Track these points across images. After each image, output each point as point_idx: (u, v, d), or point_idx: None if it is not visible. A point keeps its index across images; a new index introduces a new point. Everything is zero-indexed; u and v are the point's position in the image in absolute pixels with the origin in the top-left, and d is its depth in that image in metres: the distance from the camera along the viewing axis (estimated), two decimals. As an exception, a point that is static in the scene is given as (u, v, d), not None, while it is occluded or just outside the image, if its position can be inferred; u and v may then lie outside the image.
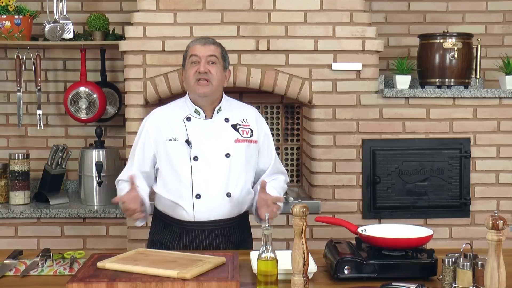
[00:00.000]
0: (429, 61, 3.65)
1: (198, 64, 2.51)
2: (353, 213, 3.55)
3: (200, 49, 2.53)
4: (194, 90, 2.53)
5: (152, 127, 2.59)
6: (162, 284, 1.93)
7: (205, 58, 2.51)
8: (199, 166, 2.51)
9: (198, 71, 2.50)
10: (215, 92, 2.55)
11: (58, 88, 4.07)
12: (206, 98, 2.54)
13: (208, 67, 2.50)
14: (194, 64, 2.52)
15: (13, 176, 3.71)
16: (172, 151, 2.53)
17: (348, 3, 3.49)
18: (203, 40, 2.58)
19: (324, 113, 3.53)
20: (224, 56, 2.59)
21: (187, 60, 2.57)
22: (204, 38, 2.60)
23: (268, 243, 1.93)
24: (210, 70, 2.50)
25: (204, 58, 2.51)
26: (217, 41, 2.61)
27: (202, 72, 2.49)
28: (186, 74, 2.56)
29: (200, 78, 2.50)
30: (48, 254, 2.34)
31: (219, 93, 2.60)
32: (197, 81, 2.50)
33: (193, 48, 2.55)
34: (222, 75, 2.57)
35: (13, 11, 3.70)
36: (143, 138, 2.60)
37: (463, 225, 3.62)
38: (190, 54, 2.55)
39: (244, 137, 2.58)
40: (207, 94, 2.53)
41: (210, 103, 2.57)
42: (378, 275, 2.06)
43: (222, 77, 2.57)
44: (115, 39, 3.80)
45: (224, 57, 2.59)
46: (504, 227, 1.69)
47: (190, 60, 2.54)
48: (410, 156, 3.57)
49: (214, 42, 2.59)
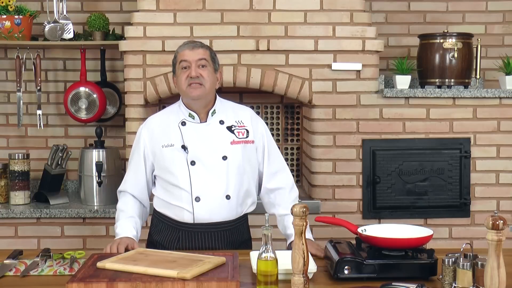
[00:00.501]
0: (429, 61, 3.65)
1: (188, 69, 2.49)
2: (353, 213, 3.55)
3: (189, 53, 2.50)
4: (187, 94, 2.51)
5: (147, 136, 2.59)
6: (162, 284, 1.93)
7: (195, 62, 2.49)
8: (197, 170, 2.50)
9: (190, 76, 2.48)
10: (208, 95, 2.53)
11: (58, 88, 4.07)
12: (199, 101, 2.53)
13: (199, 71, 2.49)
14: (185, 69, 2.50)
15: (13, 176, 3.71)
16: (169, 157, 2.53)
17: (348, 3, 3.49)
18: (191, 44, 2.54)
19: (324, 113, 3.53)
20: (213, 58, 2.57)
21: (177, 66, 2.54)
22: (192, 42, 2.57)
23: (268, 243, 1.94)
24: (201, 74, 2.49)
25: (194, 63, 2.49)
26: (205, 44, 2.58)
27: (194, 76, 2.47)
28: (178, 80, 2.54)
29: (192, 82, 2.48)
30: (48, 254, 2.34)
31: (212, 96, 2.59)
32: (189, 85, 2.49)
33: (182, 54, 2.52)
34: (214, 77, 2.55)
35: (13, 11, 3.70)
36: (141, 148, 2.60)
37: (463, 225, 3.62)
38: (179, 60, 2.52)
39: (240, 138, 2.57)
40: (201, 97, 2.51)
41: (203, 106, 2.56)
42: (378, 275, 2.06)
43: (213, 80, 2.55)
44: (115, 39, 3.80)
45: (214, 59, 2.57)
46: (504, 227, 1.69)
47: (180, 65, 2.52)
48: (410, 156, 3.57)
49: (202, 45, 2.56)
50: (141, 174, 2.62)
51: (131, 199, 2.64)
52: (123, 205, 2.64)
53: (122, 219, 2.59)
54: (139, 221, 2.62)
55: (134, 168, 2.64)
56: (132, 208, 2.62)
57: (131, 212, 2.61)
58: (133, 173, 2.64)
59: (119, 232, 2.53)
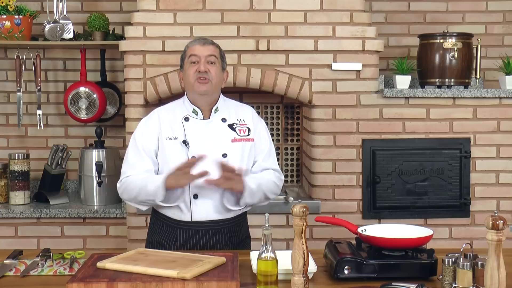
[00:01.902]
0: (429, 61, 3.65)
1: (197, 64, 2.51)
2: (353, 213, 3.55)
3: (200, 49, 2.54)
4: (194, 89, 2.53)
5: (157, 123, 2.58)
6: (162, 284, 1.93)
7: (204, 57, 2.52)
8: (196, 167, 2.50)
9: (198, 70, 2.50)
10: (214, 92, 2.56)
11: (58, 88, 4.07)
12: (205, 97, 2.54)
13: (208, 67, 2.51)
14: (194, 64, 2.52)
15: (13, 176, 3.71)
16: (171, 150, 2.53)
17: (348, 3, 3.49)
18: (202, 40, 2.59)
19: (324, 113, 3.53)
20: (222, 57, 2.60)
21: (186, 60, 2.56)
22: (203, 39, 2.61)
23: (268, 243, 1.94)
24: (210, 69, 2.51)
25: (203, 58, 2.52)
26: (215, 42, 2.62)
27: (202, 71, 2.50)
28: (186, 74, 2.56)
29: (200, 77, 2.50)
30: (48, 254, 2.34)
31: (217, 94, 2.61)
32: (197, 79, 2.51)
33: (192, 48, 2.55)
34: (221, 75, 2.58)
35: (13, 11, 3.70)
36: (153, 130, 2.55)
37: (463, 225, 3.62)
38: (189, 54, 2.55)
39: (241, 136, 2.58)
40: (207, 92, 2.53)
41: (208, 103, 2.57)
42: (378, 275, 2.06)
43: (220, 77, 2.58)
44: (115, 39, 3.80)
45: (223, 57, 2.60)
46: (504, 227, 1.69)
47: (189, 60, 2.54)
48: (410, 156, 3.57)
49: (213, 42, 2.60)
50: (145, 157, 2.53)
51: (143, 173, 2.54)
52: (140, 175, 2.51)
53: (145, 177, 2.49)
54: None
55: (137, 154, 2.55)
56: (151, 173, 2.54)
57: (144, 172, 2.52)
58: (136, 159, 2.55)
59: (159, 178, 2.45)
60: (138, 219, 3.48)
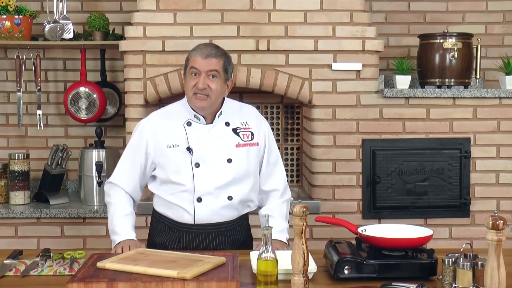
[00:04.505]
0: (429, 61, 3.65)
1: (197, 77, 2.44)
2: (353, 213, 3.55)
3: (201, 62, 2.43)
4: (192, 103, 2.49)
5: (151, 133, 2.54)
6: (162, 284, 1.93)
7: (205, 72, 2.43)
8: (201, 172, 2.48)
9: (197, 87, 2.43)
10: (213, 105, 2.50)
11: (58, 88, 4.07)
12: (203, 109, 2.50)
13: (208, 82, 2.43)
14: (194, 76, 2.45)
15: (13, 176, 3.71)
16: (173, 158, 2.50)
17: (348, 3, 3.49)
18: (205, 51, 2.44)
19: (324, 113, 3.53)
20: (226, 68, 2.48)
21: (187, 69, 2.49)
22: (208, 48, 2.47)
23: (268, 243, 1.93)
24: (209, 85, 2.43)
25: (204, 73, 2.43)
26: (220, 51, 2.49)
27: (201, 88, 2.43)
28: (186, 83, 2.49)
29: (198, 93, 2.44)
30: (48, 254, 2.34)
31: (219, 102, 2.54)
32: (195, 94, 2.45)
33: (193, 60, 2.45)
34: (222, 88, 2.49)
35: (13, 11, 3.70)
36: (143, 144, 2.55)
37: (463, 225, 3.62)
38: (190, 65, 2.47)
39: (245, 141, 2.55)
40: (204, 108, 2.48)
41: (209, 112, 2.53)
42: (378, 275, 2.06)
43: (222, 90, 2.49)
44: (115, 39, 3.80)
45: (227, 69, 2.48)
46: (504, 227, 1.69)
47: (190, 71, 2.47)
48: (410, 156, 3.57)
49: (217, 54, 2.46)
50: (136, 171, 2.57)
51: (123, 194, 2.59)
52: (117, 199, 2.58)
53: (120, 217, 2.55)
54: (133, 218, 2.60)
55: (130, 163, 2.58)
56: (128, 204, 2.59)
57: (127, 208, 2.58)
58: (128, 168, 2.58)
59: (121, 233, 2.51)
60: (138, 219, 3.43)
